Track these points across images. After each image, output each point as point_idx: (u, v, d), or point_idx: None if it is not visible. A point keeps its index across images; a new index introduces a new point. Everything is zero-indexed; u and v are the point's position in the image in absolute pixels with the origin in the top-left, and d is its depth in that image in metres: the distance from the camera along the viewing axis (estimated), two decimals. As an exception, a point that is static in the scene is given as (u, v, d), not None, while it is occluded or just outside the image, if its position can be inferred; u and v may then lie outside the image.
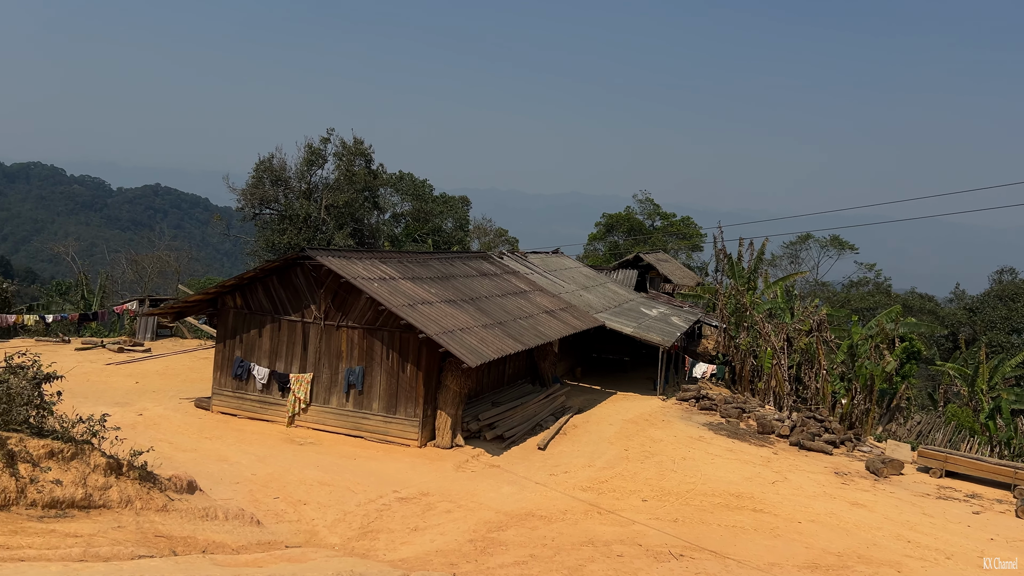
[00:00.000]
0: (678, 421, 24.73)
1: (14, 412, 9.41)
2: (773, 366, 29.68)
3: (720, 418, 25.69)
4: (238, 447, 18.61)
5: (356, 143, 45.74)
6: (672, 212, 74.40)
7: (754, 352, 31.35)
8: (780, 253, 68.08)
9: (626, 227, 70.28)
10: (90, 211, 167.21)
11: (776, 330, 30.89)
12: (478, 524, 14.53)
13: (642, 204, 73.20)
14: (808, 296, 49.03)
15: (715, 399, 27.30)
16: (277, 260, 21.59)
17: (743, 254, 37.88)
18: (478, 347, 20.12)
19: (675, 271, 52.85)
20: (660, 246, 64.68)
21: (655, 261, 51.51)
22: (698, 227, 71.38)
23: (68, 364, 24.67)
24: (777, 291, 35.54)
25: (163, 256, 50.09)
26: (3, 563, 6.63)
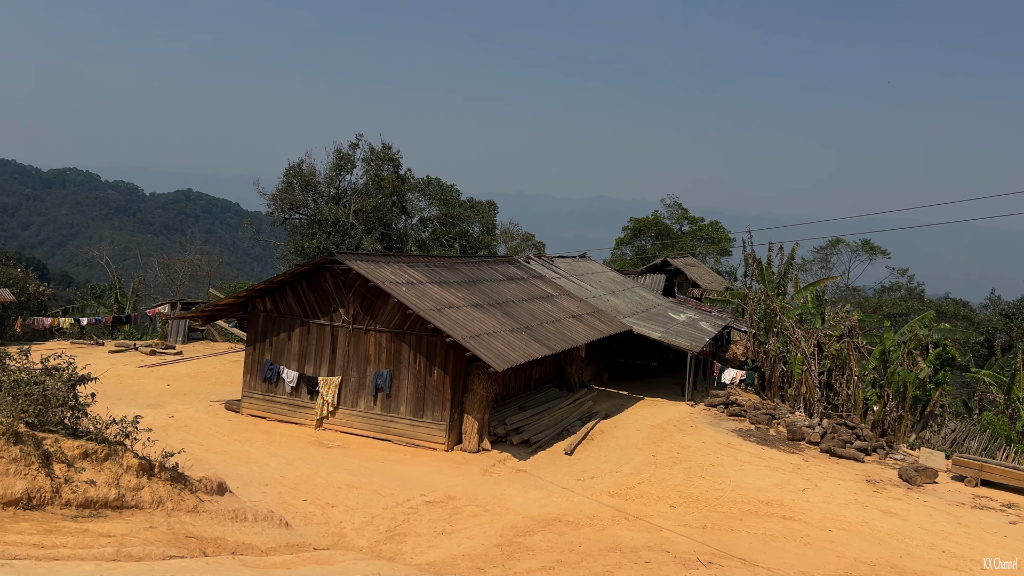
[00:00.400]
0: (706, 427, 24.52)
1: (50, 413, 9.57)
2: (803, 372, 29.33)
3: (749, 424, 25.42)
4: (267, 449, 18.78)
5: (384, 148, 46.06)
6: (700, 216, 73.92)
7: (784, 358, 31.00)
8: (810, 258, 67.36)
9: (654, 231, 69.94)
10: (124, 216, 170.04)
11: (806, 336, 30.53)
12: (505, 529, 14.52)
13: (670, 208, 72.83)
14: (839, 301, 48.39)
15: (744, 405, 27.03)
16: (306, 264, 21.78)
17: (773, 258, 37.52)
18: (505, 351, 20.13)
19: (703, 276, 52.47)
20: (688, 250, 64.27)
21: (683, 266, 51.18)
22: (727, 231, 70.84)
23: (102, 366, 25.08)
24: (807, 296, 35.14)
25: (194, 260, 50.76)
26: (38, 562, 6.74)
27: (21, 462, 8.75)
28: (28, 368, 10.19)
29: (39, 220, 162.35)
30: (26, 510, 8.42)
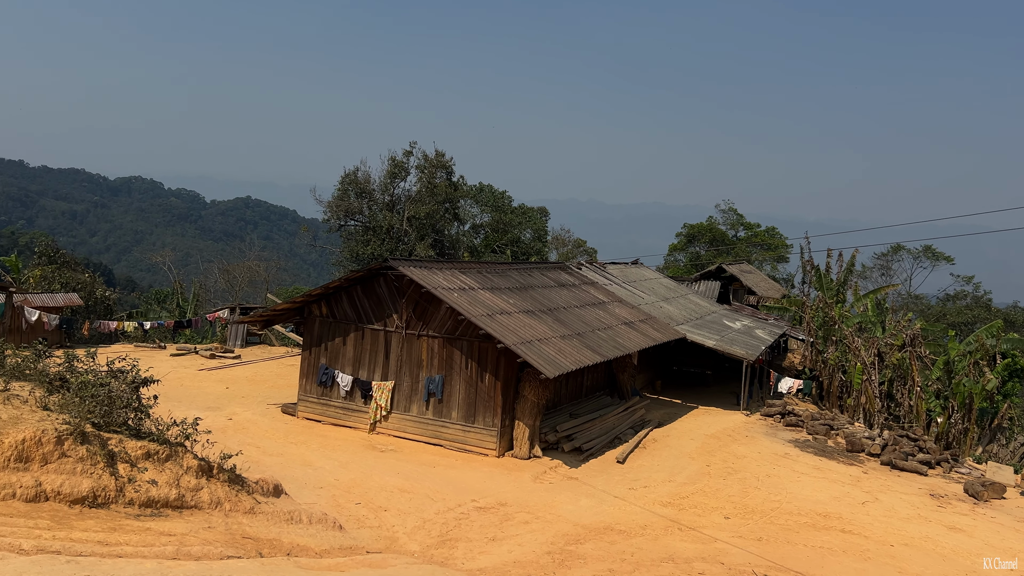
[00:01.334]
0: (762, 437, 24.06)
1: (115, 414, 9.87)
2: (863, 382, 28.57)
3: (806, 435, 24.87)
4: (322, 452, 19.06)
5: (437, 156, 46.48)
6: (756, 222, 72.71)
7: (843, 367, 30.26)
8: (870, 264, 65.59)
9: (708, 237, 69.05)
10: (185, 223, 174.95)
11: (866, 344, 29.75)
12: (556, 536, 14.46)
13: (725, 214, 71.82)
14: (900, 309, 47.04)
15: (801, 415, 26.45)
16: (361, 270, 22.08)
17: (831, 265, 36.68)
18: (556, 358, 20.07)
19: (759, 283, 51.57)
20: (744, 257, 63.25)
21: (738, 272, 50.38)
22: (783, 237, 69.52)
23: (164, 369, 25.78)
24: (867, 304, 34.26)
25: (253, 266, 51.90)
26: (103, 559, 6.95)
27: (87, 461, 9.04)
28: (94, 370, 10.54)
29: (106, 227, 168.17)
30: (91, 508, 8.69)
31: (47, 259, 39.46)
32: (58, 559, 6.59)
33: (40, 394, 10.03)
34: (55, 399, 9.88)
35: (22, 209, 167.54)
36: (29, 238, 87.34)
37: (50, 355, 11.38)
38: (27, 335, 29.85)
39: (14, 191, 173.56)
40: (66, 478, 8.77)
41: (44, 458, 8.77)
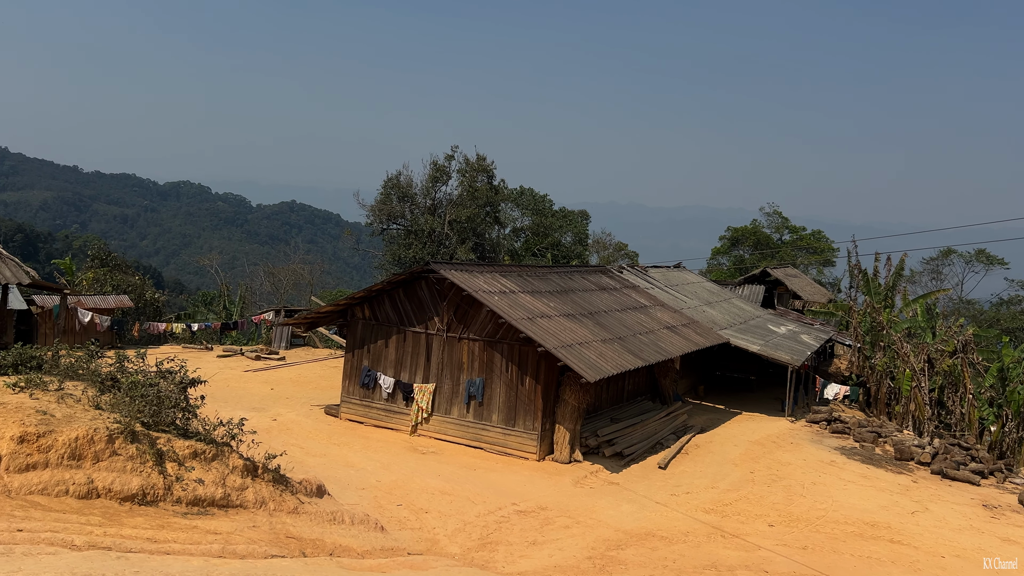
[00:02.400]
0: (808, 444, 23.64)
1: (163, 414, 10.08)
2: (912, 389, 27.90)
3: (853, 442, 24.36)
4: (364, 454, 19.23)
5: (479, 159, 46.65)
6: (801, 225, 71.55)
7: (891, 373, 29.59)
8: (920, 269, 64.06)
9: (752, 241, 68.15)
10: (232, 226, 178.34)
11: (916, 350, 29.05)
12: (597, 541, 14.37)
13: (769, 217, 70.82)
14: (952, 315, 45.87)
15: (848, 422, 25.92)
16: (403, 273, 22.25)
17: (879, 269, 35.92)
18: (597, 362, 19.97)
19: (805, 287, 50.71)
20: (789, 261, 62.27)
21: (783, 276, 49.62)
22: (830, 241, 68.29)
23: (210, 370, 26.28)
24: (917, 309, 33.46)
25: (297, 269, 52.64)
26: (151, 556, 7.09)
27: (137, 460, 9.24)
28: (144, 371, 10.78)
29: (155, 230, 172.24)
30: (140, 505, 8.87)
31: (99, 262, 40.55)
32: (109, 555, 6.74)
33: (92, 393, 10.28)
34: (106, 398, 10.12)
35: (76, 213, 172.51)
36: (82, 241, 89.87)
37: (102, 355, 11.67)
38: (80, 336, 30.68)
39: (68, 196, 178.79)
40: (117, 476, 8.97)
41: (96, 456, 8.98)
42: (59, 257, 53.29)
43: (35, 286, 16.89)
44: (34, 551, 6.52)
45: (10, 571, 5.58)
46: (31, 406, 9.33)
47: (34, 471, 8.49)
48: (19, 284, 16.10)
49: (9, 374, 10.62)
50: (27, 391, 9.79)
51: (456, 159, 46.48)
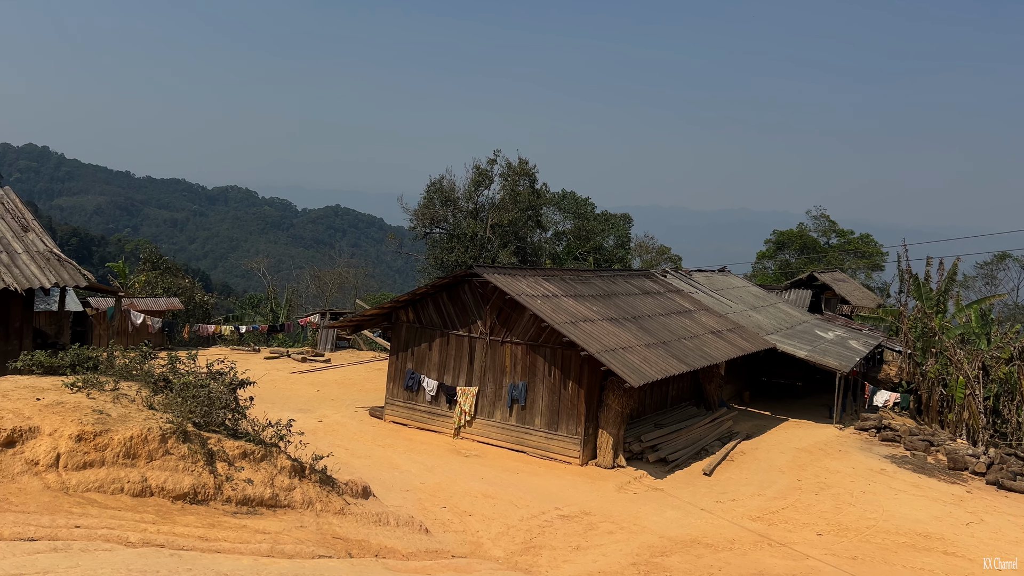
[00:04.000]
0: (857, 452, 23.15)
1: (214, 414, 10.27)
2: (966, 396, 27.14)
3: (904, 451, 23.79)
4: (408, 456, 19.36)
5: (521, 163, 46.73)
6: (849, 229, 70.19)
7: (944, 380, 28.82)
8: (973, 273, 62.33)
9: (798, 245, 67.05)
10: (278, 230, 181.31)
11: (970, 357, 28.25)
12: (641, 548, 14.25)
13: (816, 221, 69.61)
14: (1007, 321, 44.50)
15: (898, 430, 25.32)
16: (446, 277, 22.37)
17: (931, 274, 35.03)
18: (640, 367, 19.83)
19: (853, 292, 49.72)
20: (836, 265, 61.13)
21: (831, 281, 48.72)
22: (879, 245, 66.86)
23: (258, 372, 26.72)
24: (971, 315, 32.55)
25: (342, 272, 53.24)
26: (203, 554, 7.22)
27: (189, 459, 9.43)
28: (195, 372, 11.01)
29: (204, 234, 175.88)
30: (192, 504, 9.05)
31: (151, 265, 41.55)
32: (162, 552, 6.88)
33: (146, 394, 10.52)
34: (159, 399, 10.35)
35: (128, 217, 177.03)
36: (134, 245, 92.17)
37: (154, 356, 11.93)
38: (132, 337, 31.45)
39: (121, 200, 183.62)
40: (169, 475, 9.16)
41: (149, 455, 9.19)
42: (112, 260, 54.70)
43: (90, 288, 17.36)
44: (91, 547, 6.69)
45: (68, 566, 5.73)
46: (88, 405, 9.59)
47: (91, 469, 8.72)
48: (76, 287, 16.55)
49: (67, 374, 10.93)
50: (84, 391, 10.06)
51: (498, 163, 46.65)
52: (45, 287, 16.04)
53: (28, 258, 16.54)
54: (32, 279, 15.93)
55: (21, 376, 11.04)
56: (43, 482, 8.30)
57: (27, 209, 18.53)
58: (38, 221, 18.39)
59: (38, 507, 7.64)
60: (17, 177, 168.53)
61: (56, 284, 16.20)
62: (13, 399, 9.49)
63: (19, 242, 16.97)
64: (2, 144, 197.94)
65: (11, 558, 5.83)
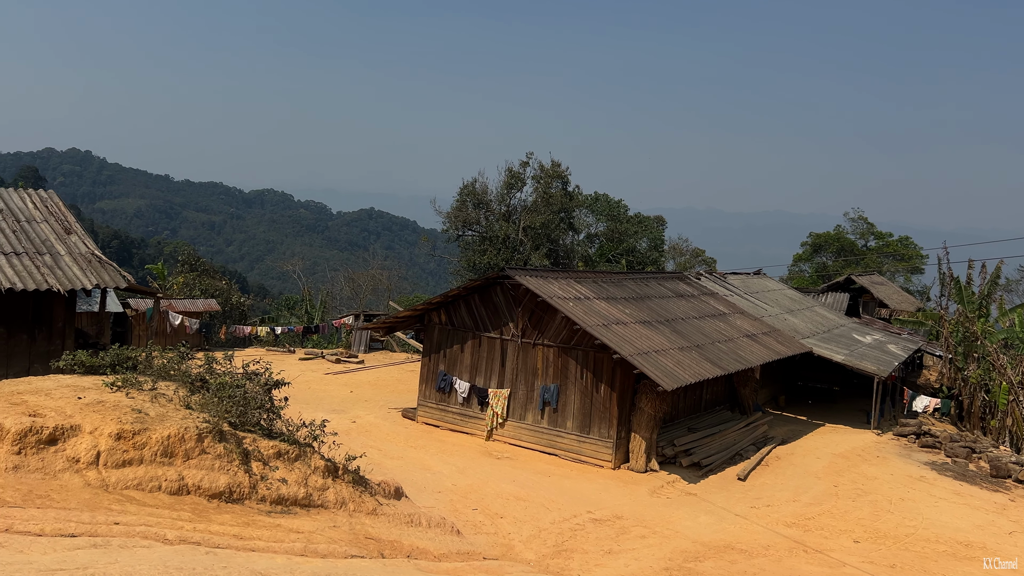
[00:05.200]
0: (895, 458, 22.73)
1: (249, 414, 10.39)
2: (1010, 402, 26.52)
3: (944, 457, 23.29)
4: (440, 457, 19.43)
5: (554, 166, 46.70)
6: (888, 231, 68.98)
7: (986, 386, 28.20)
8: (1017, 277, 60.84)
9: (835, 247, 66.06)
10: (313, 233, 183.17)
11: (1013, 362, 27.61)
12: (674, 552, 14.13)
13: (854, 223, 68.51)
14: (1053, 325, 43.33)
15: (939, 436, 24.80)
16: (478, 279, 22.42)
17: (973, 277, 34.29)
18: (674, 370, 19.68)
19: (892, 295, 48.86)
20: (874, 268, 60.11)
21: (869, 284, 47.93)
22: (918, 248, 65.62)
23: (293, 372, 26.98)
24: (1015, 319, 31.82)
25: (376, 274, 53.60)
26: (237, 552, 7.31)
27: (224, 458, 9.56)
28: (231, 372, 11.15)
29: (240, 237, 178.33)
30: (227, 503, 9.17)
31: (189, 267, 42.24)
32: (198, 550, 6.98)
33: (183, 393, 10.69)
34: (196, 399, 10.50)
35: (167, 220, 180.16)
36: (173, 247, 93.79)
37: (192, 357, 12.12)
38: (170, 338, 31.98)
39: (160, 204, 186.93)
40: (205, 473, 9.30)
41: (186, 454, 9.34)
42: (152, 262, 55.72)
43: (130, 290, 17.69)
44: (129, 544, 6.81)
45: (108, 562, 5.83)
46: (127, 404, 9.77)
47: (130, 467, 8.88)
48: (116, 288, 16.88)
49: (107, 373, 11.14)
50: (123, 390, 10.25)
51: (531, 166, 46.68)
52: (87, 288, 16.37)
53: (71, 260, 16.91)
54: (74, 280, 16.28)
55: (63, 375, 11.29)
56: (84, 479, 8.48)
57: (70, 212, 18.94)
58: (80, 224, 18.79)
59: (79, 504, 7.80)
60: (61, 181, 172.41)
61: (97, 285, 16.53)
62: (56, 398, 9.70)
63: (62, 244, 17.36)
64: (46, 149, 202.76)
65: (53, 554, 5.96)
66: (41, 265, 16.34)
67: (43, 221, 17.96)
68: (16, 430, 8.49)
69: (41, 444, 8.58)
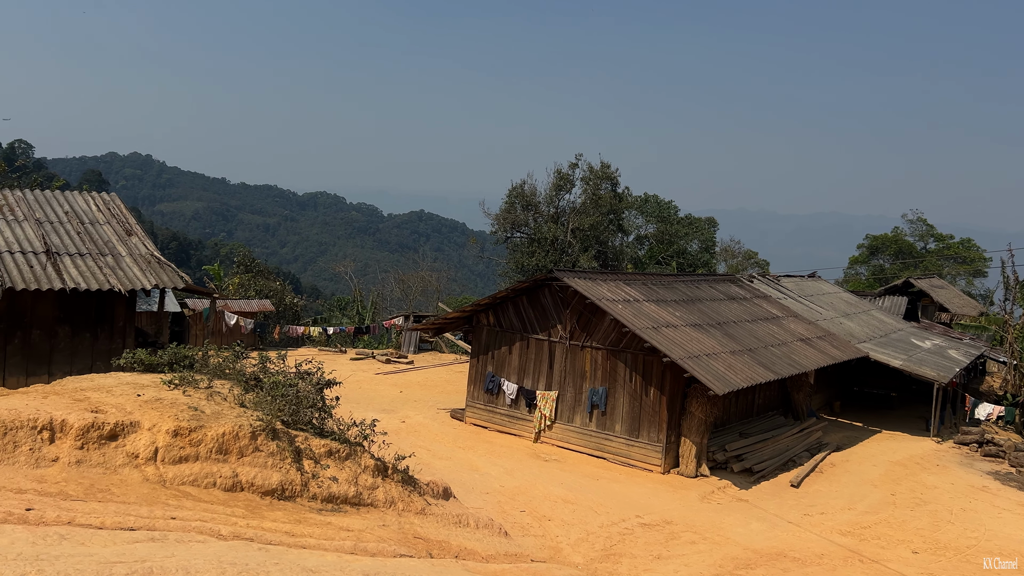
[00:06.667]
0: (956, 467, 22.04)
1: (301, 413, 10.56)
2: (1079, 411, 25.46)
3: (1008, 467, 22.50)
4: (488, 459, 19.46)
5: (603, 167, 46.46)
6: (949, 233, 66.97)
7: (1054, 394, 27.12)
8: (1087, 280, 58.47)
9: (893, 250, 64.38)
10: (364, 235, 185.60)
11: (1083, 369, 26.51)
12: (724, 559, 13.91)
13: (912, 225, 66.66)
14: None
15: (1002, 445, 23.95)
16: (526, 281, 22.42)
17: (1039, 280, 33.03)
18: (725, 374, 19.39)
19: (952, 299, 47.41)
20: (934, 271, 58.41)
21: (928, 287, 46.59)
22: (981, 250, 63.53)
23: (344, 372, 27.28)
24: (1084, 324, 30.54)
25: (425, 276, 53.99)
26: (289, 549, 7.42)
27: (277, 456, 9.73)
28: (284, 371, 11.34)
29: (294, 238, 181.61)
30: (279, 500, 9.33)
31: (244, 268, 43.14)
32: (251, 546, 7.10)
33: (237, 392, 10.91)
34: (250, 397, 10.71)
35: (223, 222, 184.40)
36: (229, 249, 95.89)
37: (246, 356, 12.36)
38: (226, 337, 32.70)
39: (217, 206, 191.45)
40: (258, 471, 9.47)
41: (240, 451, 9.52)
42: (208, 263, 57.06)
43: (188, 290, 18.13)
44: (185, 538, 6.96)
45: (165, 556, 5.97)
46: (184, 402, 10.00)
47: (186, 463, 9.09)
48: (174, 288, 17.32)
49: (165, 372, 11.43)
50: (180, 388, 10.50)
51: (580, 167, 46.52)
52: (146, 288, 16.84)
53: (131, 261, 17.41)
54: (135, 281, 16.75)
55: (124, 373, 11.62)
56: (142, 474, 8.71)
57: (131, 214, 19.52)
58: (141, 226, 19.34)
59: (137, 498, 8.01)
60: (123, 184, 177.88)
61: (156, 286, 16.98)
62: (116, 395, 9.99)
63: (123, 246, 17.88)
64: (109, 153, 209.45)
65: (112, 547, 6.12)
66: (104, 266, 16.87)
67: (106, 223, 18.55)
68: (79, 426, 8.76)
69: (102, 440, 8.84)
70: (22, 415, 8.62)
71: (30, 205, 18.19)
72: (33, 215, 17.76)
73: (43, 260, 16.26)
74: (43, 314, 16.29)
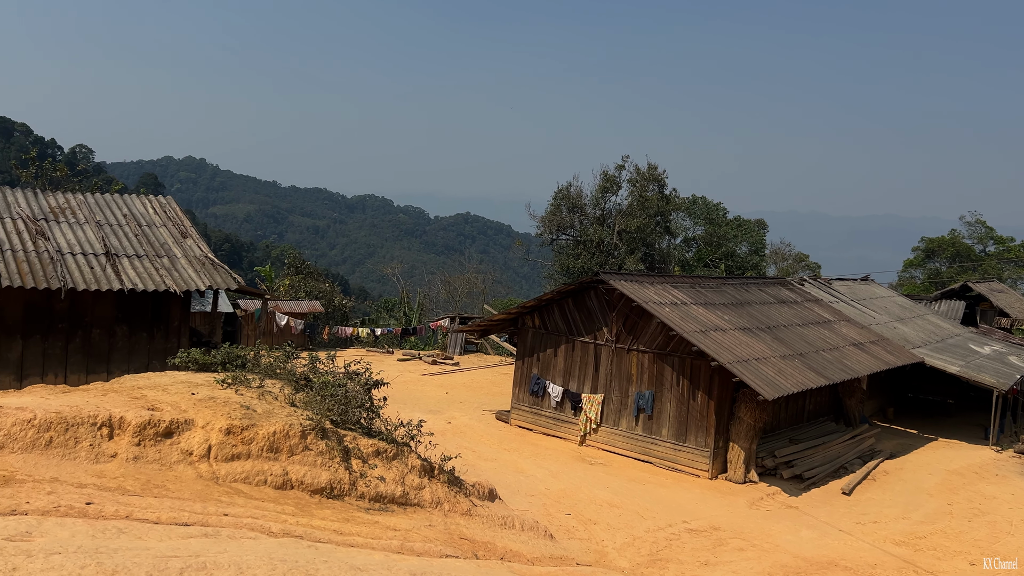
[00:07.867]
0: (1017, 477, 21.33)
1: (350, 413, 10.69)
2: None
3: (1074, 478, 21.69)
4: (533, 461, 19.46)
5: (650, 169, 46.12)
6: (1009, 236, 64.89)
7: (1122, 403, 26.11)
8: None
9: (950, 252, 62.62)
10: (412, 237, 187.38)
11: None
12: (773, 567, 13.69)
13: (971, 227, 64.77)
14: None
15: (1067, 455, 23.13)
16: (572, 283, 22.37)
17: (1107, 285, 31.85)
18: (775, 379, 19.08)
19: (1013, 303, 45.88)
20: (994, 275, 56.65)
21: (987, 291, 45.16)
22: (1044, 253, 61.42)
23: (392, 373, 27.58)
24: None
25: (471, 278, 54.26)
26: (337, 547, 7.52)
27: (326, 455, 9.86)
28: (333, 372, 11.50)
29: (343, 241, 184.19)
30: (328, 499, 9.45)
31: (294, 270, 43.89)
32: (300, 543, 7.22)
33: (288, 391, 11.09)
34: (300, 396, 10.88)
35: (274, 225, 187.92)
36: (280, 251, 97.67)
37: (296, 356, 12.56)
38: (277, 337, 33.30)
39: (268, 209, 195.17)
40: (308, 469, 9.61)
41: (290, 450, 9.68)
42: (260, 265, 58.17)
43: (240, 291, 18.52)
44: (237, 535, 7.10)
45: (217, 551, 6.10)
46: (236, 401, 10.21)
47: (238, 461, 9.28)
48: (227, 289, 17.70)
49: (218, 371, 11.68)
50: (233, 387, 10.72)
51: (627, 169, 46.26)
52: (200, 289, 17.24)
53: (186, 262, 17.85)
54: (189, 282, 17.17)
55: (178, 371, 11.91)
56: (196, 471, 8.91)
57: (186, 217, 20.02)
58: (195, 228, 19.83)
59: (191, 495, 8.20)
60: (178, 188, 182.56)
61: (210, 287, 17.38)
62: (171, 393, 10.24)
63: (178, 247, 18.35)
64: (165, 157, 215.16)
65: (167, 541, 6.28)
66: (160, 267, 17.32)
67: (162, 225, 19.05)
68: (136, 423, 9.00)
69: (158, 437, 9.07)
70: (83, 412, 8.90)
71: (91, 208, 18.76)
72: (93, 218, 18.32)
73: (103, 261, 16.76)
74: (102, 314, 16.79)
